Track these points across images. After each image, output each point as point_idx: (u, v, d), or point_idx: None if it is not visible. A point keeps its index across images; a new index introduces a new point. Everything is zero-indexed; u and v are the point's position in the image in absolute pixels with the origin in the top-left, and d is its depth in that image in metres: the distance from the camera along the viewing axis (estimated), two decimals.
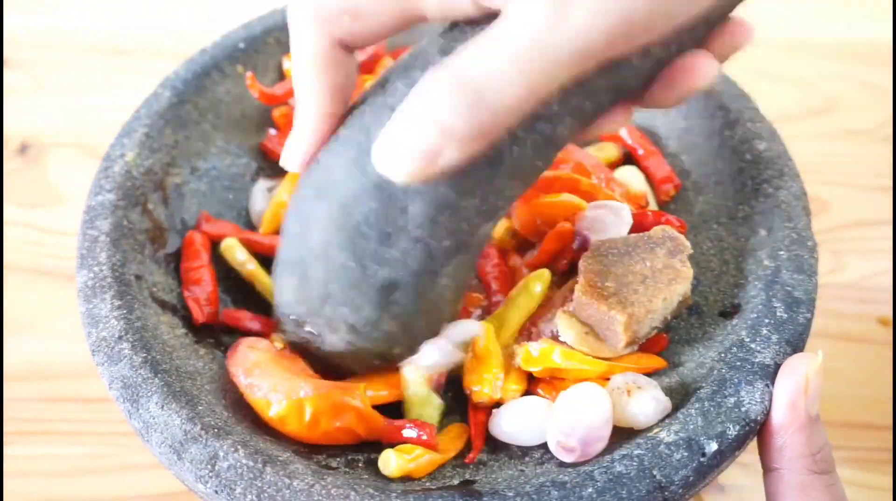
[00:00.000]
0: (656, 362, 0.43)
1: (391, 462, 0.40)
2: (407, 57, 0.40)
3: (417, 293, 0.40)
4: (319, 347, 0.43)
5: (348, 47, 0.39)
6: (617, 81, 0.37)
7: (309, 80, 0.39)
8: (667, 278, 0.42)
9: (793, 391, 0.39)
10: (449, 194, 0.37)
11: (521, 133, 0.37)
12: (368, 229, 0.38)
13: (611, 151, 0.53)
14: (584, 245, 0.46)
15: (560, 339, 0.43)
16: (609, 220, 0.46)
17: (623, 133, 0.54)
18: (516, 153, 0.37)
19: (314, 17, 0.39)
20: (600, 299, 0.42)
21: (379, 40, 0.40)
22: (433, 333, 0.43)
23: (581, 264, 0.43)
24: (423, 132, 0.34)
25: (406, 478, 0.41)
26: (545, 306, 0.45)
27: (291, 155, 0.41)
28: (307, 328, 0.42)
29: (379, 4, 0.38)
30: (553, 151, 0.40)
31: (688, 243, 0.44)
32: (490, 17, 0.35)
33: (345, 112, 0.40)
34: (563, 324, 0.43)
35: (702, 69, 0.38)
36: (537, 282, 0.45)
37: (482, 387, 0.43)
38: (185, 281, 0.48)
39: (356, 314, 0.40)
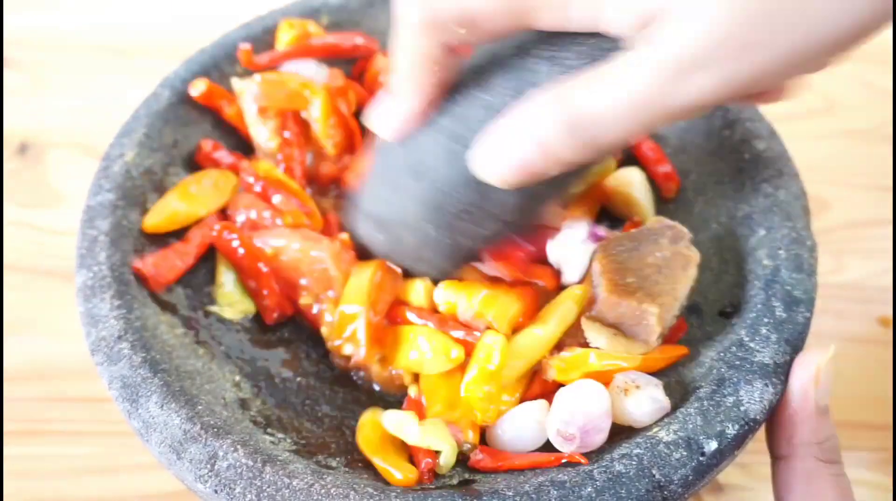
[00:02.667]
0: (679, 350, 0.44)
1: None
2: (504, 50, 0.40)
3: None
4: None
5: (454, 48, 0.40)
6: None
7: (410, 73, 0.40)
8: (680, 265, 0.43)
9: (805, 381, 0.40)
10: (541, 189, 0.40)
11: None
12: (464, 215, 0.41)
13: (609, 162, 0.53)
14: None
15: (591, 345, 0.43)
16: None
17: None
18: None
19: (426, 24, 0.38)
20: (628, 296, 0.42)
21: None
22: None
23: (596, 266, 0.43)
24: (527, 150, 0.37)
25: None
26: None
27: (387, 127, 0.42)
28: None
29: (495, 15, 0.38)
30: None
31: (686, 230, 0.45)
32: (598, 35, 0.37)
33: (443, 93, 0.41)
34: (590, 330, 0.43)
35: (778, 94, 0.42)
36: (569, 300, 0.45)
37: (493, 408, 0.42)
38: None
39: (436, 269, 0.46)
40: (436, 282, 0.47)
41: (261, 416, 0.43)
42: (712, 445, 0.38)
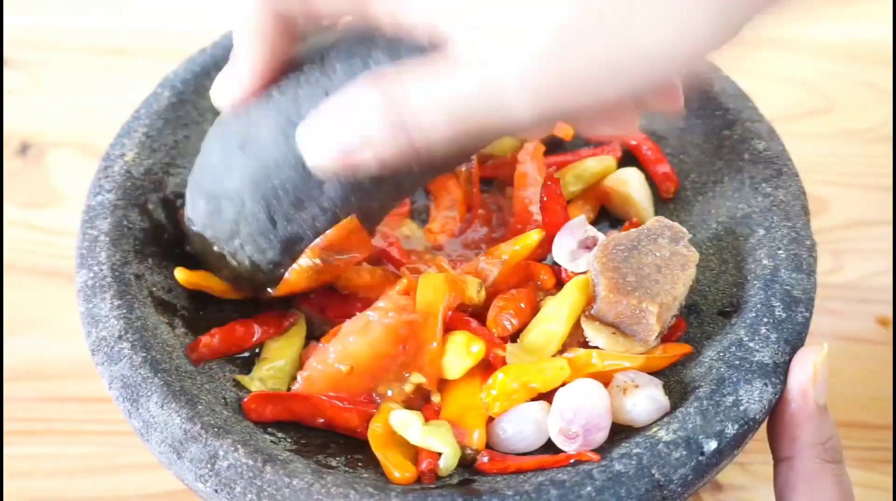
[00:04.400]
0: (682, 348, 0.44)
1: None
2: (351, 38, 0.41)
3: None
4: (222, 266, 0.45)
5: (292, 27, 0.40)
6: None
7: (248, 40, 0.40)
8: (679, 264, 0.43)
9: (803, 381, 0.40)
10: (364, 181, 0.41)
11: None
12: (284, 194, 0.41)
13: (609, 162, 0.53)
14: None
15: (590, 344, 0.43)
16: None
17: None
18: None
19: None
20: (628, 295, 0.42)
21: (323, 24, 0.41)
22: None
23: (595, 265, 0.43)
24: (347, 136, 0.37)
25: None
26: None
27: (222, 95, 0.42)
28: (214, 248, 0.44)
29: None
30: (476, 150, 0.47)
31: (684, 229, 0.45)
32: (437, 45, 0.37)
33: (281, 69, 0.41)
34: (590, 329, 0.43)
35: (623, 121, 0.41)
36: (575, 291, 0.44)
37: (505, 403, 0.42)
38: None
39: (260, 254, 0.43)
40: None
41: None
42: (712, 444, 0.38)
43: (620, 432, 0.40)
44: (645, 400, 0.40)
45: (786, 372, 0.41)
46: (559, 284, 0.47)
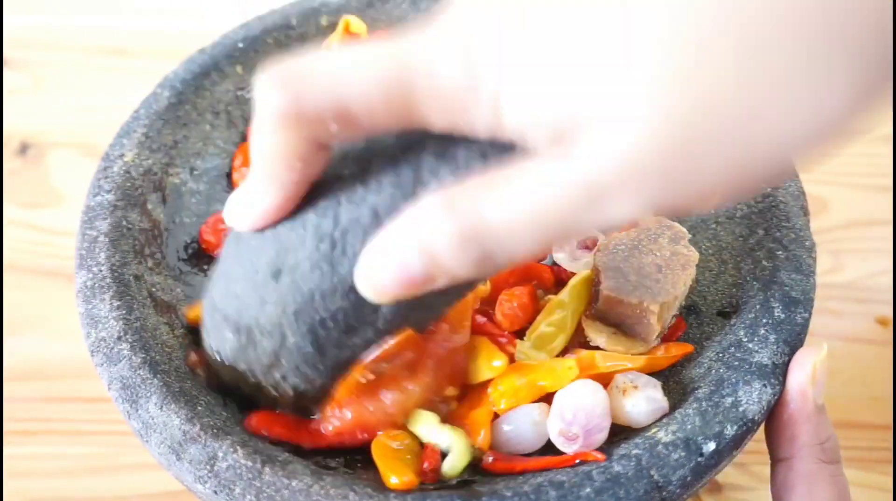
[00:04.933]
0: (683, 347, 0.44)
1: None
2: (395, 143, 0.35)
3: None
4: (262, 396, 0.41)
5: (325, 145, 0.34)
6: None
7: (270, 170, 0.34)
8: (679, 264, 0.43)
9: (802, 381, 0.40)
10: (426, 297, 0.35)
11: None
12: (334, 324, 0.37)
13: None
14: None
15: (591, 344, 0.43)
16: None
17: None
18: None
19: (289, 116, 0.31)
20: (629, 294, 0.42)
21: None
22: None
23: (597, 265, 0.44)
24: (412, 261, 0.31)
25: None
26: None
27: (241, 220, 0.36)
28: (250, 380, 0.40)
29: (375, 110, 0.31)
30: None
31: (685, 229, 0.45)
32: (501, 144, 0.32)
33: (312, 184, 0.35)
34: (591, 329, 0.43)
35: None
36: (574, 288, 0.44)
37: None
38: None
39: (307, 383, 0.39)
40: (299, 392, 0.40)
41: None
42: (711, 446, 0.38)
43: (619, 433, 0.40)
44: (644, 401, 0.40)
45: (785, 373, 0.41)
46: (559, 284, 0.47)
